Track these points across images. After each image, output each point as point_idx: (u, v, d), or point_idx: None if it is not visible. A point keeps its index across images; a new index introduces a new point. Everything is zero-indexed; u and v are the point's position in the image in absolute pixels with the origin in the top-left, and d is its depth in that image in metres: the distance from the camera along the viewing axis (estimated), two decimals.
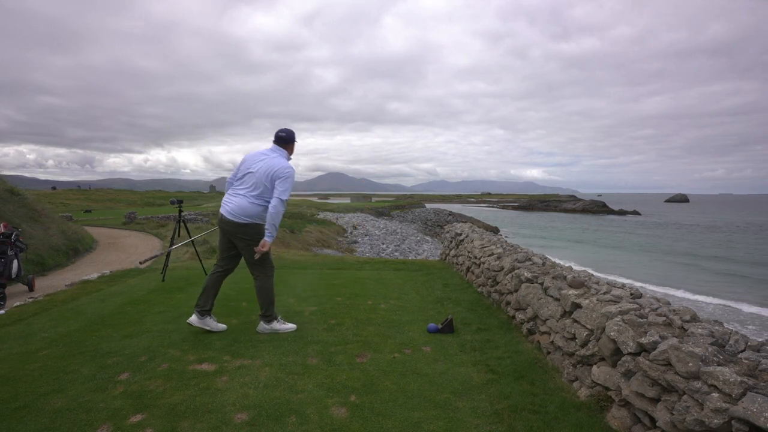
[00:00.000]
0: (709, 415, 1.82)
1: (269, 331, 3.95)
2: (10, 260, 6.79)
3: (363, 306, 4.95)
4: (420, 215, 50.54)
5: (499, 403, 2.69)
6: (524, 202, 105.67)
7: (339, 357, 3.40)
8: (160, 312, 4.65)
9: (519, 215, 69.81)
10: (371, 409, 2.59)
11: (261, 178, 3.70)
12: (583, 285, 3.42)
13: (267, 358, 3.36)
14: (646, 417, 2.25)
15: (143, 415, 2.50)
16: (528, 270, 4.27)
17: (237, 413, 2.53)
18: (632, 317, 2.57)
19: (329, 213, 41.60)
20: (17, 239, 7.15)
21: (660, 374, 2.14)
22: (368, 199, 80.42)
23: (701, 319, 2.62)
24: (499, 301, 4.86)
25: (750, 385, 1.79)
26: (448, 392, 2.82)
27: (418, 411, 2.58)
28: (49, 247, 10.31)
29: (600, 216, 66.48)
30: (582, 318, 2.99)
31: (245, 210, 3.71)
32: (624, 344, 2.44)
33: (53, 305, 5.03)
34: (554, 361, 3.27)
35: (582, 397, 2.75)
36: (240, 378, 3.00)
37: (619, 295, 3.03)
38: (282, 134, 3.92)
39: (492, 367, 3.21)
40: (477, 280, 5.89)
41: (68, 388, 2.85)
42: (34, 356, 3.42)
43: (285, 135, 3.93)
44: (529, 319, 3.87)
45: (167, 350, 3.52)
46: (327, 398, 2.72)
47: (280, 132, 3.93)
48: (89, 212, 30.54)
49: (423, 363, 3.30)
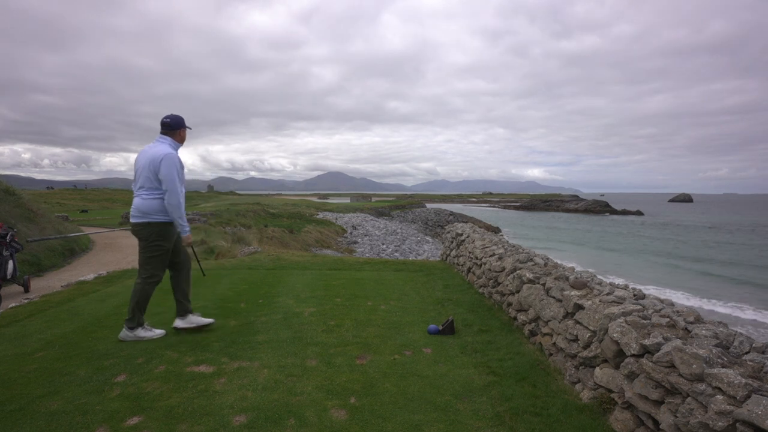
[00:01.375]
0: (713, 417, 1.80)
1: (133, 339, 3.72)
2: (5, 261, 6.76)
3: (363, 307, 4.92)
4: (420, 215, 50.54)
5: (500, 405, 2.66)
6: (526, 201, 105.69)
7: (339, 359, 3.37)
8: (157, 313, 4.61)
9: (521, 215, 69.79)
10: (371, 412, 2.56)
11: (144, 171, 3.61)
12: (585, 286, 3.39)
13: (265, 359, 3.34)
14: (649, 419, 2.22)
15: (140, 418, 2.47)
16: (530, 271, 4.24)
17: (235, 416, 2.50)
18: (635, 318, 2.54)
19: (329, 213, 41.61)
20: (12, 239, 7.12)
21: (663, 376, 2.11)
22: (368, 199, 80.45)
23: (705, 320, 2.59)
24: (500, 302, 4.83)
25: (755, 388, 1.77)
26: (449, 394, 2.80)
27: (418, 413, 2.55)
28: (44, 247, 10.27)
29: (603, 216, 66.44)
30: (584, 319, 2.96)
31: (139, 207, 3.64)
32: (627, 346, 2.41)
33: (49, 306, 5.00)
34: (556, 362, 3.24)
35: (584, 399, 2.72)
36: (238, 380, 2.97)
37: (622, 296, 3.00)
38: (166, 120, 3.75)
39: (493, 369, 3.18)
40: (478, 280, 5.86)
41: (64, 390, 2.82)
42: (29, 358, 3.39)
43: (169, 121, 3.76)
44: (531, 320, 3.84)
45: (164, 352, 3.49)
46: (326, 400, 2.69)
47: (164, 118, 3.75)
48: (86, 212, 30.50)
49: (423, 365, 3.27)
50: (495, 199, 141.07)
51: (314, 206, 48.12)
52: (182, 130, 3.86)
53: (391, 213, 51.90)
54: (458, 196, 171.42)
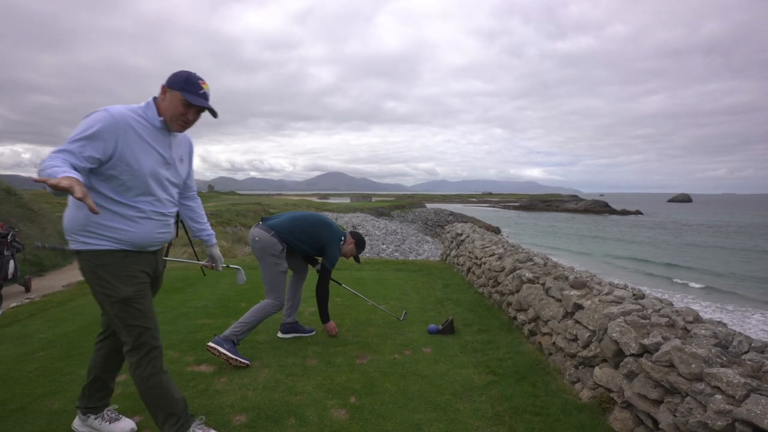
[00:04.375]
0: (712, 417, 1.80)
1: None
2: (6, 261, 6.77)
3: (363, 306, 4.93)
4: (420, 215, 50.50)
5: (500, 404, 2.67)
6: (525, 201, 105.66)
7: (338, 358, 3.38)
8: (158, 313, 4.58)
9: (520, 215, 69.72)
10: (371, 411, 2.57)
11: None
12: (584, 285, 3.39)
13: (266, 359, 3.34)
14: (648, 419, 2.23)
15: (141, 417, 2.48)
16: (529, 270, 4.25)
17: (236, 415, 2.51)
18: (635, 318, 2.55)
19: (329, 213, 41.61)
20: (14, 239, 7.12)
21: (663, 376, 2.12)
22: (368, 199, 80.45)
23: (704, 320, 2.60)
24: (500, 302, 4.84)
25: (754, 387, 1.78)
26: (449, 394, 2.80)
27: (418, 413, 2.56)
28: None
29: (602, 216, 66.38)
30: (584, 319, 2.96)
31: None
32: (626, 345, 2.42)
33: (50, 306, 5.01)
34: (556, 362, 3.25)
35: (584, 398, 2.73)
36: (239, 379, 2.98)
37: (622, 296, 3.01)
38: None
39: (493, 369, 3.19)
40: (478, 280, 5.87)
41: (65, 389, 2.83)
42: (31, 357, 3.40)
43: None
44: (531, 320, 3.85)
45: (165, 351, 3.45)
46: (326, 400, 2.70)
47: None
48: None
49: (423, 364, 3.28)
50: (494, 199, 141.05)
51: (314, 206, 48.11)
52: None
53: (391, 213, 51.88)
54: (458, 196, 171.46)
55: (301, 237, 3.58)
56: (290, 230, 3.51)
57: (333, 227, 3.75)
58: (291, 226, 3.55)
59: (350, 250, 3.85)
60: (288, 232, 3.48)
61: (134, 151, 1.87)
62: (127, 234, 1.93)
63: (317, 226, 3.68)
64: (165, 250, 6.53)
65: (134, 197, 1.93)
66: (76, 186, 1.45)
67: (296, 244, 3.57)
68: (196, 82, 1.97)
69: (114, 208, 1.90)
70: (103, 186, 1.88)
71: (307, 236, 3.61)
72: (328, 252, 3.64)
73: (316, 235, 3.63)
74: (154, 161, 1.95)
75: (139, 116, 1.93)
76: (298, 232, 3.57)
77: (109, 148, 1.81)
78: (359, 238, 3.89)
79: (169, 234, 2.15)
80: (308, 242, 3.62)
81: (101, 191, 1.87)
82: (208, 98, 2.01)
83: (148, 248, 2.07)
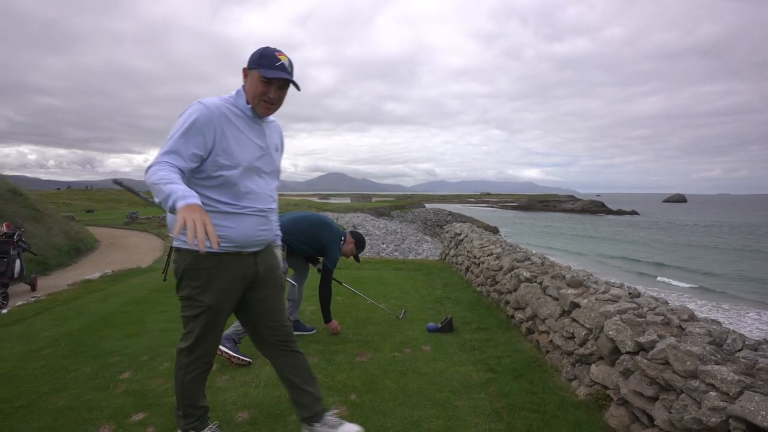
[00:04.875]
0: (706, 413, 1.83)
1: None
2: (12, 260, 6.81)
3: (363, 305, 4.96)
4: (420, 215, 50.48)
5: (498, 401, 2.70)
6: (523, 202, 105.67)
7: (339, 356, 3.41)
8: (161, 311, 4.66)
9: (518, 215, 69.74)
10: (371, 408, 2.60)
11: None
12: (581, 284, 3.43)
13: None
14: (644, 415, 2.26)
15: (145, 414, 2.51)
16: (527, 269, 4.29)
17: (238, 412, 2.54)
18: (630, 316, 2.59)
19: (329, 213, 41.57)
20: (20, 239, 7.17)
21: (658, 373, 2.15)
22: (368, 200, 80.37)
23: (699, 318, 2.64)
24: (498, 301, 4.88)
25: (747, 384, 1.80)
26: (448, 391, 2.84)
27: (417, 409, 2.59)
28: (51, 247, 10.34)
29: (599, 216, 66.42)
30: (581, 317, 3.00)
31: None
32: (622, 343, 2.46)
33: (55, 305, 5.04)
34: (553, 360, 3.29)
35: (581, 395, 2.77)
36: (241, 377, 3.01)
37: (618, 295, 3.04)
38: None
39: (491, 366, 3.22)
40: (476, 279, 5.90)
41: (70, 386, 2.86)
42: (36, 355, 3.44)
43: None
44: (528, 318, 3.89)
45: (168, 349, 3.53)
46: (327, 397, 2.72)
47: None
48: (91, 212, 30.54)
49: (423, 362, 3.32)
50: (493, 200, 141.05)
51: (316, 206, 48.06)
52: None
53: (390, 213, 51.85)
54: (457, 197, 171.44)
55: (301, 237, 3.61)
56: (290, 231, 3.54)
57: (333, 227, 3.78)
58: (291, 226, 3.58)
59: (350, 250, 3.88)
60: (288, 232, 3.50)
61: (231, 143, 1.74)
62: (226, 231, 1.76)
63: (317, 226, 3.71)
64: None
65: (232, 193, 1.78)
66: (199, 222, 1.34)
67: (296, 244, 3.61)
68: (272, 54, 1.77)
69: (212, 206, 1.74)
70: (199, 183, 1.75)
71: (308, 237, 3.64)
72: (328, 252, 3.68)
73: (316, 235, 3.66)
74: (250, 152, 1.80)
75: (232, 105, 1.80)
76: (298, 233, 3.60)
77: (209, 142, 1.69)
78: (359, 237, 3.93)
79: (269, 232, 1.98)
80: (308, 243, 3.66)
81: (198, 190, 1.70)
82: (287, 69, 1.80)
83: (249, 248, 1.88)
